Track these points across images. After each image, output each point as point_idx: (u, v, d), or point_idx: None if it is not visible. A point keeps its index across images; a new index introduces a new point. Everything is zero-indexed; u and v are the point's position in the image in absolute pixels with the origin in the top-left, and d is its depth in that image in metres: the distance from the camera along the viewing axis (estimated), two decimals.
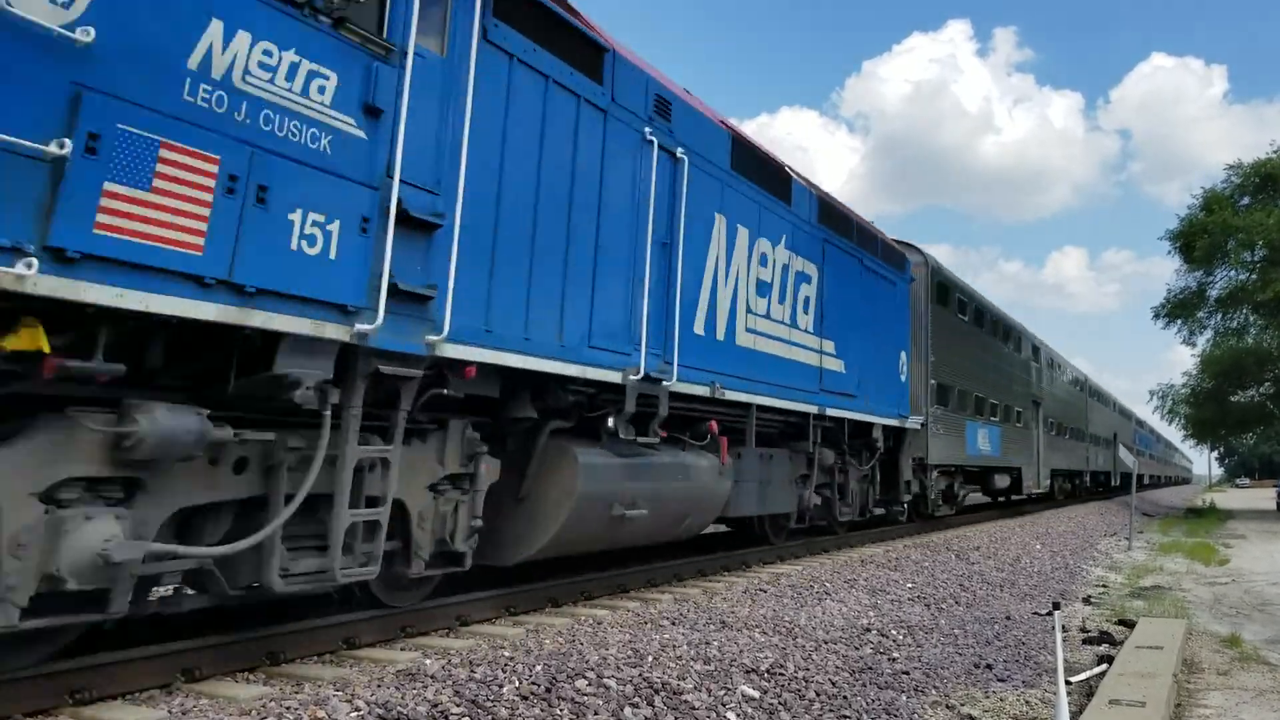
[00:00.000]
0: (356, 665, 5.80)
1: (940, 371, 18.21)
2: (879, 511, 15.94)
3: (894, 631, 8.16)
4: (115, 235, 4.33)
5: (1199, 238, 36.46)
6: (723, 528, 13.08)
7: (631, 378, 8.15)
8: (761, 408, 10.59)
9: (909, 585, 10.91)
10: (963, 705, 6.29)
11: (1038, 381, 28.78)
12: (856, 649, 7.38)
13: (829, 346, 12.47)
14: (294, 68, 5.20)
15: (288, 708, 4.75)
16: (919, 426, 16.36)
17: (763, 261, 10.71)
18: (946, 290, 19.45)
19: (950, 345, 19.19)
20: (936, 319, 18.33)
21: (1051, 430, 30.33)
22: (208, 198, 4.72)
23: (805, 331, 11.78)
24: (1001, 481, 23.68)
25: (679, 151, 9.06)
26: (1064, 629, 7.45)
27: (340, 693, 5.01)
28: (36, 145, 4.02)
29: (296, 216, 5.18)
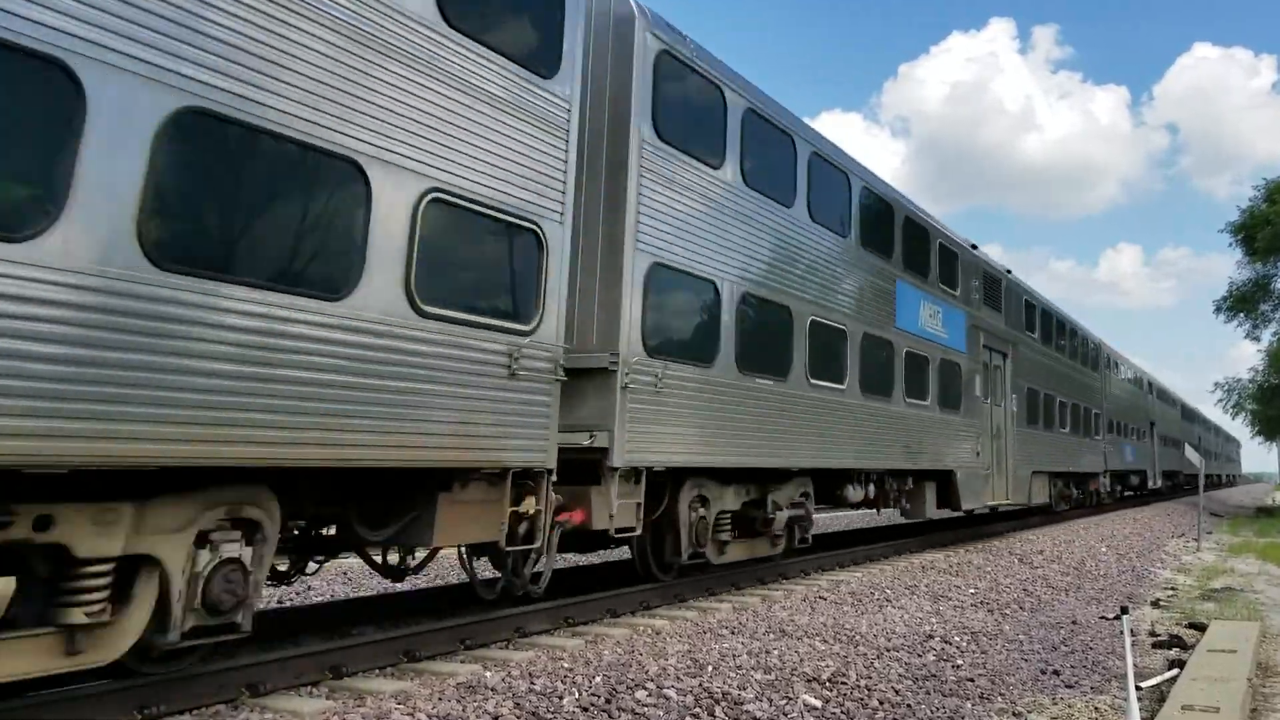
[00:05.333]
0: (417, 678, 5.84)
1: None
2: None
3: (957, 638, 8.02)
4: None
5: (1260, 229, 35.49)
6: None
7: None
8: None
9: (971, 591, 10.73)
10: (1030, 713, 6.15)
11: None
12: (919, 656, 7.27)
13: None
14: None
15: None
16: None
17: None
18: None
19: None
20: None
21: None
22: None
23: None
24: None
25: None
26: (1133, 633, 7.26)
27: (401, 706, 5.05)
28: None
29: None
